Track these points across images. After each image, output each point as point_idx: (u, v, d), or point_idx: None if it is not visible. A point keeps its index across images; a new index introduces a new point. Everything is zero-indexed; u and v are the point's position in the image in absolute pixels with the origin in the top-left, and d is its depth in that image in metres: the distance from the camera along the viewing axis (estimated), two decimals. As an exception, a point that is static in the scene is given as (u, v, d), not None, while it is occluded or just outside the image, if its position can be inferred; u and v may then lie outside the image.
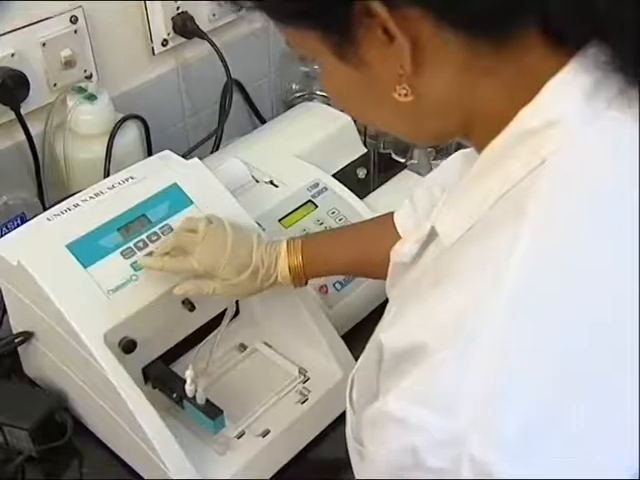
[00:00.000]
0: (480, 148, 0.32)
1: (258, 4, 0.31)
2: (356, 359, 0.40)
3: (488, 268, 0.28)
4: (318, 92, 0.87)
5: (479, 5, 0.27)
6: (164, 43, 0.77)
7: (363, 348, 0.38)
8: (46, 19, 0.67)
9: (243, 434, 0.57)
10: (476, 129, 0.32)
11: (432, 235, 0.35)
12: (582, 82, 0.29)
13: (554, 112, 0.29)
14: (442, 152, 0.83)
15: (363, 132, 0.77)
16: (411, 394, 0.27)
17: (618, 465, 0.27)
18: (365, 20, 0.28)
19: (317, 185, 0.71)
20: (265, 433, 0.57)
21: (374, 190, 0.74)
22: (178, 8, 0.76)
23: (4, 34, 0.65)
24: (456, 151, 0.87)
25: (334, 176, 0.73)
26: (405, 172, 0.77)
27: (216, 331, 0.57)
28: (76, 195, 0.59)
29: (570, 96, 0.29)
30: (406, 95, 0.31)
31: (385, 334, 0.30)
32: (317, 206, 0.70)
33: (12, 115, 0.67)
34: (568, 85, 0.29)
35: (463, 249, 0.31)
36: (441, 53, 0.29)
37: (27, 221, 0.60)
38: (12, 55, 0.65)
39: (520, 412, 0.26)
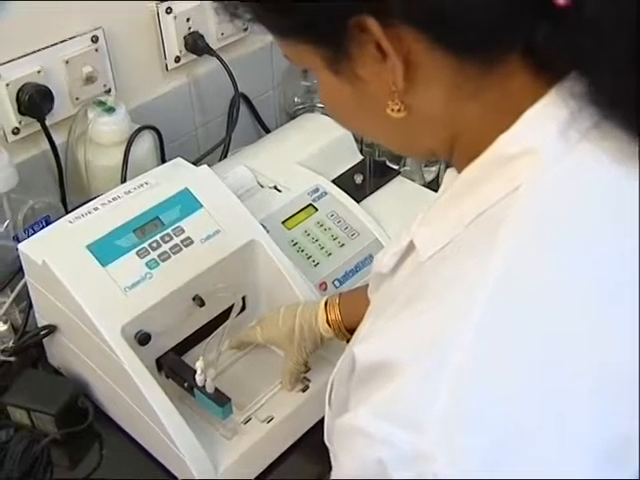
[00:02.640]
0: (460, 169, 0.31)
1: (257, 19, 0.30)
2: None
3: (459, 292, 0.27)
4: (318, 104, 0.86)
5: (469, 30, 0.26)
6: (177, 60, 0.77)
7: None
8: (69, 39, 0.67)
9: (249, 420, 0.57)
10: (458, 150, 0.31)
11: (410, 248, 0.33)
12: (558, 114, 0.28)
13: (530, 141, 0.28)
14: (433, 160, 0.83)
15: (360, 141, 0.77)
16: (380, 410, 0.26)
17: (582, 475, 0.25)
18: (359, 36, 0.27)
19: (317, 190, 0.71)
20: (269, 419, 0.57)
21: (370, 194, 0.73)
22: (190, 28, 0.76)
23: (31, 53, 0.65)
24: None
25: (333, 182, 0.72)
26: (399, 178, 0.76)
27: (224, 325, 0.57)
28: (96, 199, 0.59)
29: (546, 127, 0.28)
30: (399, 111, 0.30)
31: (357, 347, 0.29)
32: (317, 209, 0.70)
33: (38, 126, 0.67)
34: (544, 116, 0.28)
35: (437, 267, 0.30)
36: (432, 72, 0.28)
37: (51, 223, 0.60)
38: (38, 72, 0.66)
39: (485, 434, 0.24)
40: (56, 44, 0.67)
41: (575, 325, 0.26)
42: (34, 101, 0.65)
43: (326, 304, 0.56)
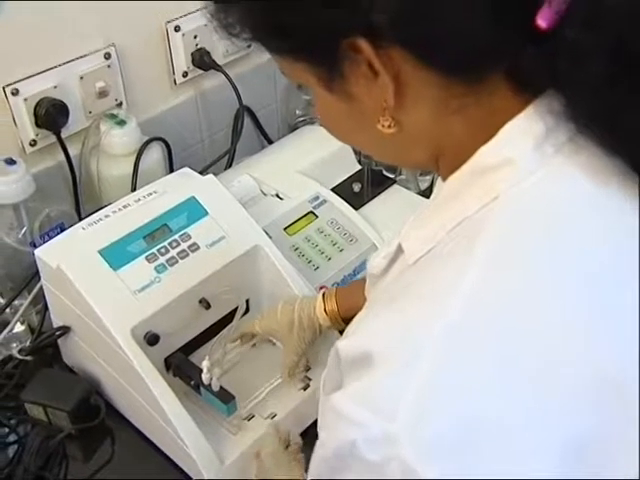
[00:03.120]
0: (445, 179, 0.32)
1: (255, 39, 0.31)
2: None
3: (437, 294, 0.28)
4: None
5: (455, 52, 0.27)
6: (184, 75, 0.79)
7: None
8: (84, 56, 0.69)
9: (252, 417, 0.58)
10: (443, 161, 0.32)
11: (399, 252, 0.34)
12: (535, 128, 0.29)
13: (508, 153, 0.29)
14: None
15: (358, 152, 0.79)
16: (357, 396, 0.27)
17: (544, 472, 0.25)
18: (351, 55, 0.28)
19: (317, 198, 0.72)
20: (272, 416, 0.58)
21: (368, 202, 0.74)
22: (197, 45, 0.78)
23: (48, 69, 0.67)
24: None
25: (332, 190, 0.73)
26: (395, 186, 0.77)
27: (229, 326, 0.58)
28: (107, 207, 0.60)
29: (523, 140, 0.29)
30: (389, 127, 0.30)
31: (341, 342, 0.30)
32: (317, 216, 0.71)
33: (54, 138, 0.69)
34: (522, 130, 0.29)
35: (420, 270, 0.31)
36: (420, 90, 0.29)
37: (65, 230, 0.61)
38: (54, 87, 0.67)
39: (450, 424, 0.25)
40: (71, 61, 0.68)
41: (548, 326, 0.27)
42: (50, 115, 0.66)
43: (324, 296, 0.57)
